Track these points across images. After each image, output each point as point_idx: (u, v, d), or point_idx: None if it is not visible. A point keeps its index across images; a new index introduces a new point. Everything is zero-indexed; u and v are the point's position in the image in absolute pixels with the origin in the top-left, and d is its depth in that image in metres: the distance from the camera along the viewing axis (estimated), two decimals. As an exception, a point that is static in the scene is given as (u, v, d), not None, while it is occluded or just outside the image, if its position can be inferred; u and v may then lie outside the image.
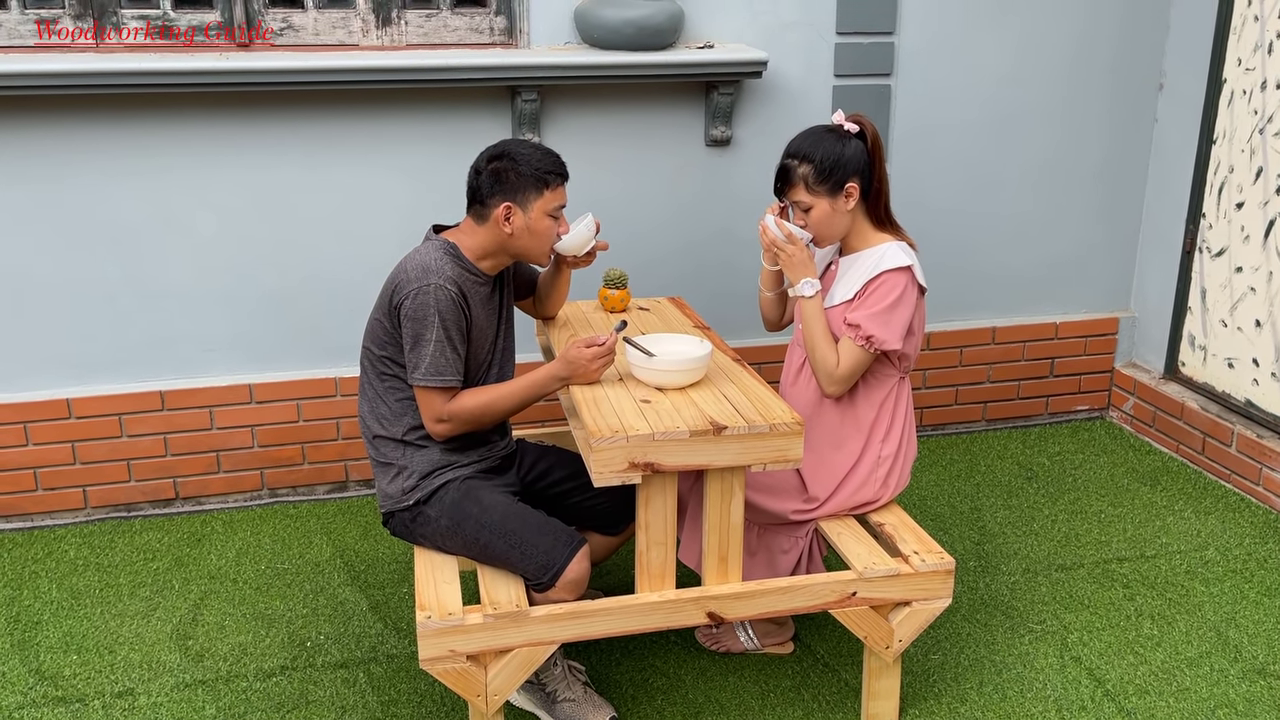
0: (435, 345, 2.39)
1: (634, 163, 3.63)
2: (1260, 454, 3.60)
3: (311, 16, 3.35)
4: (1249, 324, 3.69)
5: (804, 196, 2.54)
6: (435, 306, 2.38)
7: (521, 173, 2.44)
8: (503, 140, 2.52)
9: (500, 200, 2.45)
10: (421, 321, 2.39)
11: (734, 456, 2.30)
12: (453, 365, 2.42)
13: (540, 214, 2.47)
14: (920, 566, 2.47)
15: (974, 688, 2.73)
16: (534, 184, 2.45)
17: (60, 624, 2.99)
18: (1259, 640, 2.91)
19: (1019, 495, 3.70)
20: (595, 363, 2.44)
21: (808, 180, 2.53)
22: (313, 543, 3.40)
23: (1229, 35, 3.69)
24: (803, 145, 2.55)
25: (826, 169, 2.51)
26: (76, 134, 3.22)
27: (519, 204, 2.45)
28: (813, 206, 2.54)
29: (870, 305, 2.52)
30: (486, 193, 2.46)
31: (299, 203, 3.43)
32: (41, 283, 3.33)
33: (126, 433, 3.47)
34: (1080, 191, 4.07)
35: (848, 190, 2.53)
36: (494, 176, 2.45)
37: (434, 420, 2.45)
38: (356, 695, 2.71)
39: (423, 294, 2.39)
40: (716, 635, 2.87)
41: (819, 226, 2.56)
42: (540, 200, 2.46)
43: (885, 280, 2.52)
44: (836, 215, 2.55)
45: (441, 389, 2.42)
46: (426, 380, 2.41)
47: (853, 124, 2.57)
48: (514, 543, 2.40)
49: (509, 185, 2.44)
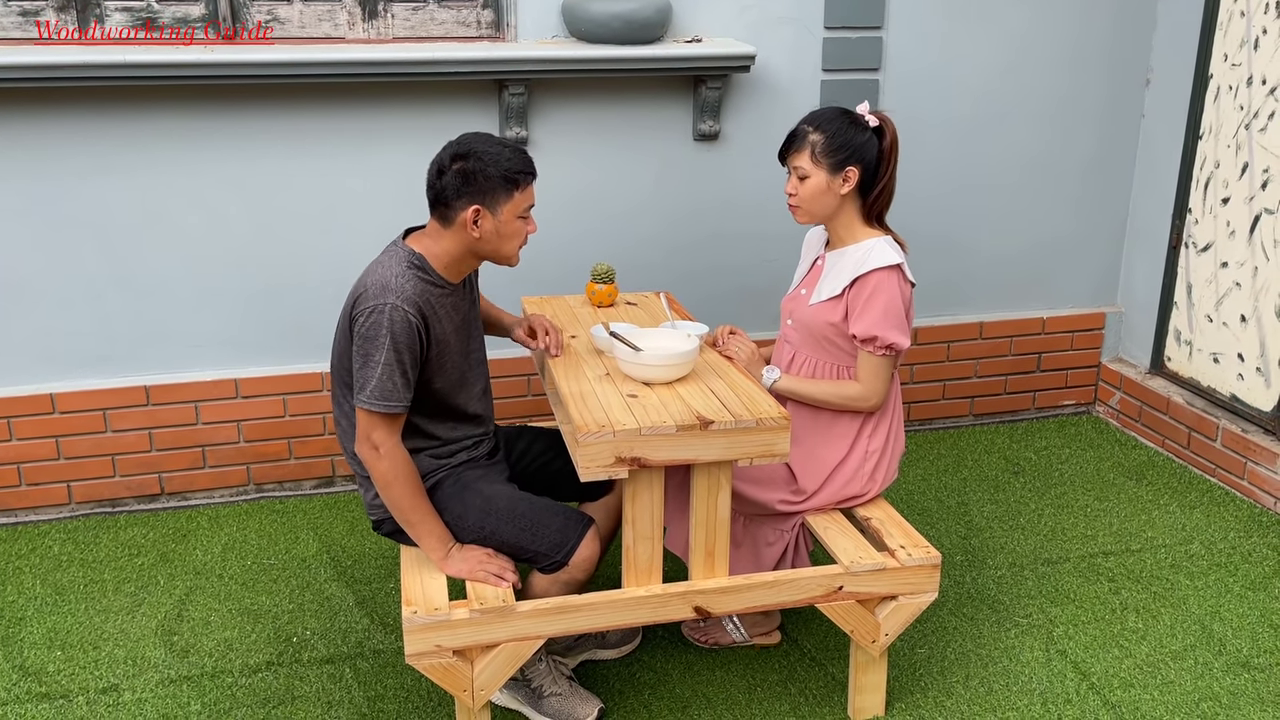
0: (384, 368, 2.26)
1: (622, 157, 3.62)
2: (1245, 449, 3.62)
3: (297, 9, 3.33)
4: (1234, 319, 3.70)
5: (805, 163, 2.53)
6: (389, 329, 2.26)
7: (489, 174, 2.30)
8: (464, 136, 2.37)
9: (468, 203, 2.31)
10: (373, 341, 2.27)
11: (721, 451, 2.30)
12: (399, 391, 2.29)
13: (510, 216, 2.34)
14: (906, 561, 2.47)
15: (960, 681, 2.74)
16: (503, 185, 2.31)
17: (44, 620, 2.97)
18: (1243, 634, 2.92)
19: (1005, 490, 3.71)
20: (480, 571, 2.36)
21: (814, 148, 2.52)
22: (299, 538, 3.39)
23: (1215, 31, 3.70)
24: (820, 117, 2.56)
25: (836, 144, 2.51)
26: (60, 127, 3.20)
27: (488, 206, 2.32)
28: (810, 175, 2.53)
29: (873, 312, 2.51)
30: (452, 195, 2.32)
31: (285, 197, 3.41)
32: (25, 277, 3.31)
33: (111, 428, 3.45)
34: (1067, 186, 4.08)
35: (846, 173, 2.52)
36: (460, 177, 2.30)
37: (367, 444, 2.31)
38: (343, 690, 2.70)
39: (377, 314, 2.27)
40: (704, 630, 2.87)
41: (808, 199, 2.55)
42: (510, 202, 2.33)
43: (877, 282, 2.51)
44: (828, 193, 2.54)
45: (384, 414, 2.29)
46: (370, 404, 2.27)
47: (875, 118, 2.56)
48: (524, 526, 2.40)
49: (476, 187, 2.30)
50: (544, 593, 2.43)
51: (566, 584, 2.42)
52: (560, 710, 2.55)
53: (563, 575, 2.40)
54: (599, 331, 2.64)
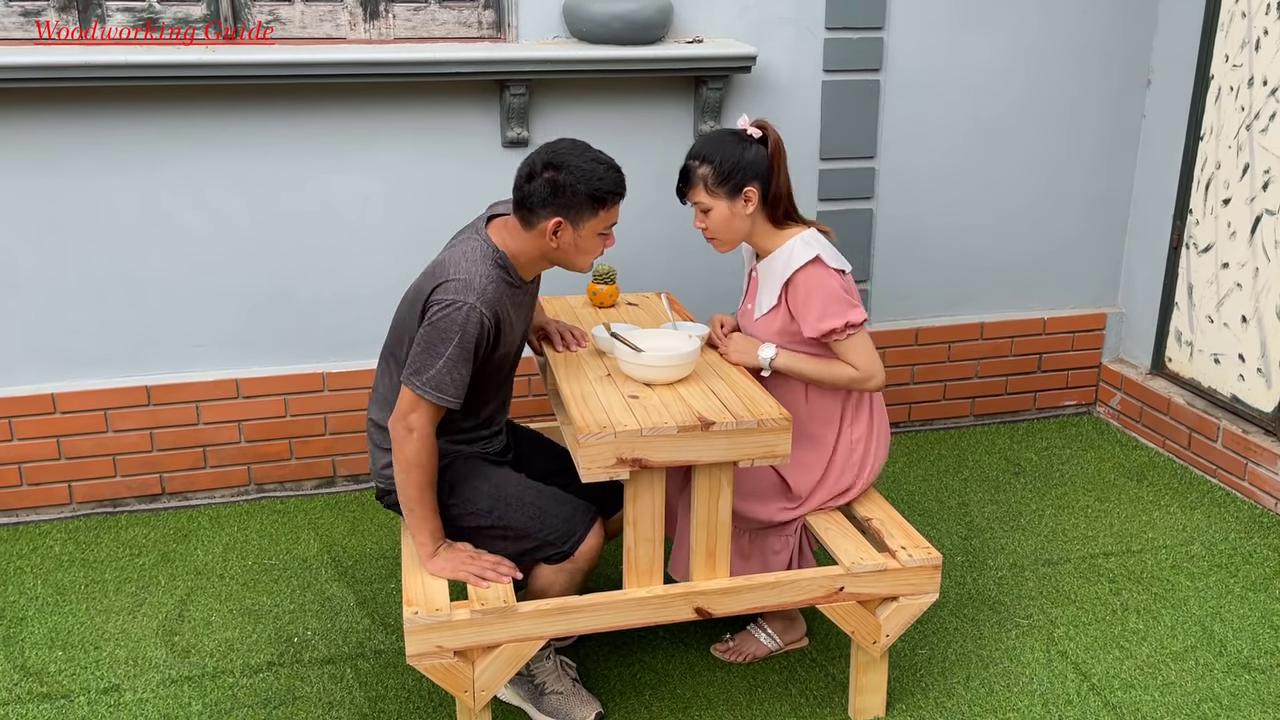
0: (447, 363, 2.26)
1: (623, 157, 3.57)
2: (1246, 449, 3.62)
3: (299, 9, 3.33)
4: (1235, 320, 3.70)
5: (703, 198, 2.55)
6: (462, 328, 2.25)
7: (578, 190, 2.28)
8: (561, 143, 2.35)
9: (551, 214, 2.30)
10: (444, 335, 2.26)
11: (722, 452, 2.30)
12: (454, 387, 2.28)
13: (591, 233, 2.34)
14: (907, 562, 2.47)
15: (960, 682, 2.74)
16: (590, 203, 2.30)
17: (45, 620, 2.97)
18: (1244, 634, 2.93)
19: (1006, 490, 3.71)
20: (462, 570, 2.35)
21: (706, 181, 2.53)
22: (300, 538, 3.39)
23: (1217, 31, 3.70)
24: (704, 148, 2.56)
25: (725, 172, 2.51)
26: (62, 127, 3.20)
27: (570, 220, 2.31)
28: (711, 208, 2.55)
29: (813, 309, 2.51)
30: (537, 201, 2.30)
31: (286, 197, 3.41)
32: (27, 276, 3.31)
33: (112, 428, 3.45)
34: (1068, 187, 4.08)
35: (746, 194, 2.53)
36: (549, 187, 2.28)
37: (403, 424, 2.30)
38: (344, 691, 2.71)
39: (455, 310, 2.25)
40: (736, 646, 2.84)
41: (718, 229, 2.57)
42: (594, 220, 2.33)
43: (804, 281, 2.52)
44: (735, 218, 2.56)
45: (433, 404, 2.29)
46: (422, 389, 2.27)
47: (756, 129, 2.56)
48: (533, 514, 2.41)
49: (563, 200, 2.29)
50: (548, 585, 2.44)
51: (571, 574, 2.43)
52: (559, 709, 2.55)
53: (568, 565, 2.41)
54: (600, 332, 2.64)
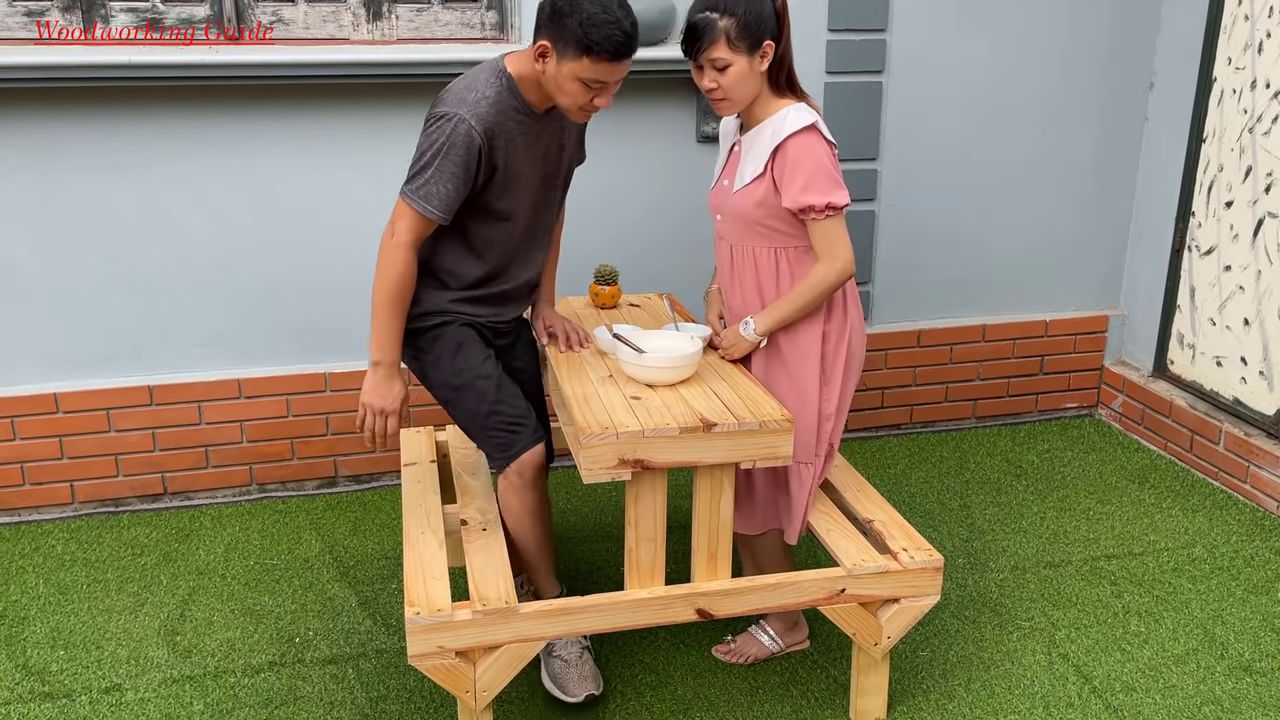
0: (436, 173, 2.28)
1: (625, 158, 3.63)
2: (1248, 452, 3.62)
3: (301, 10, 3.33)
4: (1237, 322, 3.70)
5: (723, 52, 2.35)
6: (449, 139, 2.27)
7: (569, 25, 2.22)
8: None
9: (544, 35, 2.27)
10: (432, 144, 2.28)
11: (724, 453, 2.30)
12: (441, 198, 2.30)
13: (571, 75, 2.26)
14: (909, 563, 2.47)
15: (962, 684, 2.74)
16: (575, 43, 2.23)
17: (47, 619, 2.98)
18: (1245, 637, 2.92)
19: (1008, 492, 3.71)
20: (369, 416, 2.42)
21: (730, 35, 2.34)
22: (302, 538, 3.39)
23: (1219, 34, 3.70)
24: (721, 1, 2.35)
25: (749, 23, 2.36)
26: (64, 127, 3.21)
27: (555, 51, 2.26)
28: (731, 64, 2.36)
29: (800, 177, 2.36)
30: (540, 20, 2.27)
31: (288, 197, 3.42)
32: (29, 276, 3.31)
33: (114, 427, 3.45)
34: (1070, 189, 4.08)
35: (764, 49, 2.39)
36: (550, 11, 2.25)
37: (389, 230, 2.35)
38: (345, 691, 2.71)
39: (445, 123, 2.27)
40: (737, 648, 2.83)
41: (734, 85, 2.40)
42: (575, 63, 2.24)
43: (796, 147, 2.37)
44: (753, 76, 2.41)
45: (417, 212, 2.32)
46: (410, 196, 2.31)
47: None
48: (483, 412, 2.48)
49: (556, 28, 2.24)
50: (508, 507, 2.53)
51: (521, 490, 2.50)
52: (556, 675, 2.58)
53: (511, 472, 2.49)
54: (602, 333, 2.64)
